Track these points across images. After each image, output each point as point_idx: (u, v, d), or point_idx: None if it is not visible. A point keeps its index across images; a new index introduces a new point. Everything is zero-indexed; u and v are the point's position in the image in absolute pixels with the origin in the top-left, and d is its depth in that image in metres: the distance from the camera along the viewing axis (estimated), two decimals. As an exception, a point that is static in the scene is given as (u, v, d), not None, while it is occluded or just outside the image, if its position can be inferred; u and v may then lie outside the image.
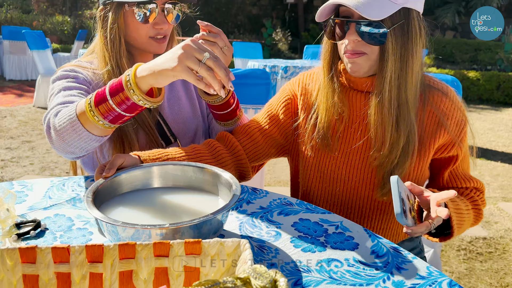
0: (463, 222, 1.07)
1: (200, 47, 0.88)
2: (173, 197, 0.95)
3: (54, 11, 13.40)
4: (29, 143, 4.69)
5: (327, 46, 1.18)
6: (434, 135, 1.14)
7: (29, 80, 8.92)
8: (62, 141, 1.00)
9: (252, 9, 15.79)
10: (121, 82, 0.92)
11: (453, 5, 12.80)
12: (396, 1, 1.02)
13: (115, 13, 1.23)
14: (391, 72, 1.06)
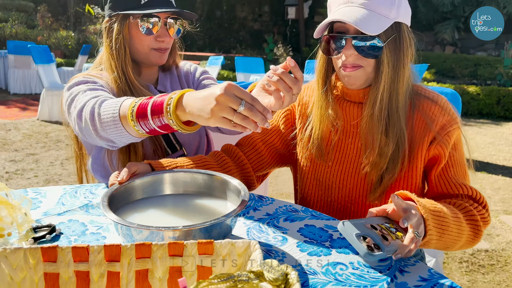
0: (446, 226, 0.99)
1: (237, 94, 0.85)
2: (184, 203, 0.98)
3: (59, 26, 13.59)
4: (33, 155, 4.73)
5: (322, 61, 1.24)
6: (422, 139, 1.16)
7: (33, 94, 9.00)
8: (104, 131, 1.03)
9: (254, 24, 15.99)
10: (162, 106, 0.93)
11: (453, 21, 12.96)
12: (389, 16, 1.08)
13: (120, 24, 1.30)
14: (384, 83, 1.11)
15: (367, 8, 1.08)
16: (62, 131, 5.87)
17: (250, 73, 6.04)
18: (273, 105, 0.97)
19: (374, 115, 1.14)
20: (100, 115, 1.03)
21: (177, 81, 1.53)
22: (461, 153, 1.20)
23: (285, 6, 14.45)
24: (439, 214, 0.98)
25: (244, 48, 15.17)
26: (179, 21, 1.36)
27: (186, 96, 0.91)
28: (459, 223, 1.04)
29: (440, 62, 11.51)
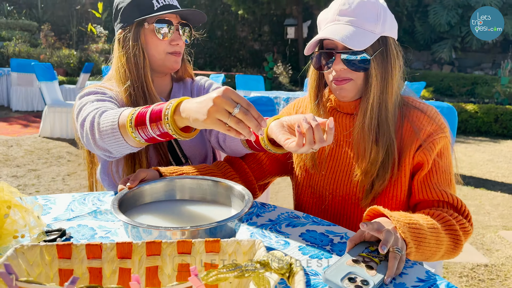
0: (422, 237, 0.99)
1: (233, 97, 0.88)
2: (189, 208, 1.02)
3: (61, 45, 13.78)
4: (35, 171, 4.76)
5: (313, 76, 1.30)
6: (410, 147, 1.20)
7: (35, 111, 9.08)
8: (102, 140, 1.07)
9: (254, 44, 16.21)
10: (160, 113, 0.97)
11: (450, 40, 13.16)
12: (375, 31, 1.15)
13: (136, 33, 1.35)
14: (373, 94, 1.17)
15: (353, 25, 1.14)
16: (64, 147, 5.92)
17: (251, 91, 6.12)
18: (289, 145, 0.98)
19: (365, 125, 1.18)
20: (100, 124, 1.07)
21: (189, 96, 1.55)
22: (447, 161, 1.21)
23: (285, 26, 14.68)
24: (414, 226, 0.99)
25: (244, 66, 15.35)
26: (188, 28, 1.42)
27: (184, 103, 0.95)
28: (436, 234, 1.04)
29: (438, 81, 11.64)
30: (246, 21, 16.01)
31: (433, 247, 1.03)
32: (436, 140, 1.18)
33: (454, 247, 1.11)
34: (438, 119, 1.22)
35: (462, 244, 1.12)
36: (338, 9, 1.17)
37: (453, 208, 1.16)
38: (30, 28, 15.49)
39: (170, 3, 1.37)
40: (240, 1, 13.37)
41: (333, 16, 1.18)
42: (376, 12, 1.16)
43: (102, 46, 13.77)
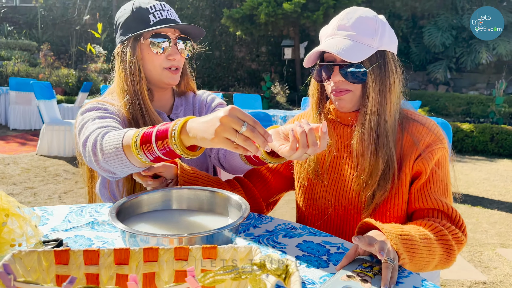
0: (415, 248, 1.01)
1: (240, 116, 0.89)
2: (187, 217, 1.03)
3: (60, 65, 13.88)
4: (31, 189, 4.74)
5: (314, 88, 1.34)
6: (409, 157, 1.22)
7: (33, 130, 9.09)
8: (106, 163, 1.07)
9: (251, 64, 16.39)
10: (167, 132, 0.97)
11: (444, 61, 13.35)
12: (372, 45, 1.19)
13: (132, 47, 1.35)
14: (371, 105, 1.20)
15: (351, 38, 1.19)
16: (61, 166, 5.90)
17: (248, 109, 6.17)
18: (283, 151, 1.00)
19: (363, 135, 1.21)
20: (103, 146, 1.07)
21: (191, 110, 1.55)
22: (444, 171, 1.23)
23: (282, 47, 14.87)
24: (406, 237, 1.00)
25: (242, 86, 15.48)
26: (188, 41, 1.41)
27: (190, 122, 0.96)
28: (429, 244, 1.05)
29: (434, 100, 11.75)
30: (244, 42, 16.22)
31: (426, 257, 1.04)
32: (434, 150, 1.21)
33: (448, 257, 1.12)
34: (437, 131, 1.25)
35: (455, 254, 1.13)
36: (337, 24, 1.22)
37: (447, 217, 1.18)
38: (30, 47, 15.63)
39: (168, 18, 1.37)
40: (238, 23, 13.57)
41: (332, 30, 1.23)
42: (374, 27, 1.20)
43: (101, 65, 13.88)
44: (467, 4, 13.28)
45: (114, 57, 1.41)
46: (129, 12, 1.37)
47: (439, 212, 1.18)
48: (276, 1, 12.56)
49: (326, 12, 12.57)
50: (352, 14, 1.22)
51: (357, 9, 1.24)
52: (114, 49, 1.42)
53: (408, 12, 14.06)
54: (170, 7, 1.42)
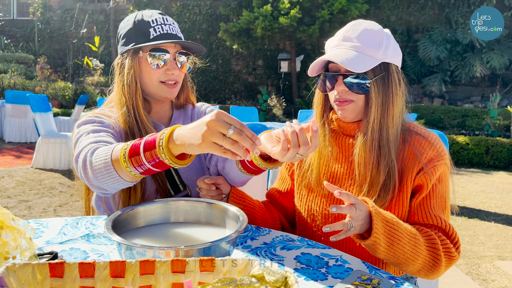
0: (397, 238, 1.05)
1: (226, 120, 0.90)
2: (183, 230, 1.02)
3: (57, 78, 13.89)
4: (26, 202, 4.70)
5: (319, 97, 1.37)
6: (412, 170, 1.23)
7: (28, 143, 9.05)
8: (96, 179, 1.06)
9: (248, 77, 16.46)
10: (154, 142, 0.97)
11: (439, 74, 13.45)
12: (376, 57, 1.21)
13: (131, 59, 1.35)
14: (374, 116, 1.21)
15: (356, 50, 1.21)
16: (56, 178, 5.87)
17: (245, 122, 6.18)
18: (274, 153, 1.01)
19: (365, 146, 1.22)
20: (92, 163, 1.06)
21: (189, 123, 1.54)
22: (444, 187, 1.24)
23: (278, 61, 14.97)
24: (392, 224, 1.05)
25: (239, 99, 15.53)
26: (189, 57, 1.40)
27: (177, 130, 0.97)
28: (415, 243, 1.09)
29: (429, 113, 11.82)
30: (240, 55, 16.31)
31: (407, 252, 1.07)
32: (437, 166, 1.22)
33: (433, 265, 1.13)
34: (439, 145, 1.26)
35: (442, 266, 1.13)
36: (343, 35, 1.25)
37: (444, 233, 1.19)
38: (26, 60, 15.65)
39: (168, 32, 1.36)
40: (235, 36, 13.66)
41: (337, 41, 1.26)
42: (378, 40, 1.22)
43: (97, 78, 13.90)
44: (461, 18, 13.44)
45: (114, 68, 1.41)
46: (131, 24, 1.38)
47: (437, 228, 1.20)
48: (272, 15, 12.68)
49: (322, 26, 12.69)
50: (357, 26, 1.25)
51: (362, 22, 1.27)
52: (112, 62, 1.43)
53: (403, 26, 14.22)
54: (173, 21, 1.41)
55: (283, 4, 12.42)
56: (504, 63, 12.57)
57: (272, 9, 12.64)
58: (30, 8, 17.49)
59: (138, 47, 1.34)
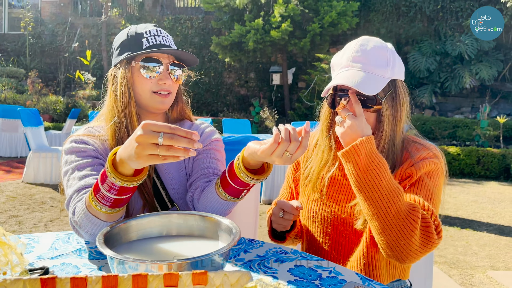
0: (376, 169, 1.14)
1: (154, 129, 0.89)
2: (176, 244, 1.01)
3: (48, 91, 13.84)
4: (16, 217, 4.64)
5: (326, 113, 1.40)
6: (403, 166, 1.27)
7: (19, 157, 8.96)
8: (87, 233, 1.10)
9: (240, 90, 16.52)
10: (105, 170, 1.00)
11: (429, 86, 13.61)
12: (385, 76, 1.25)
13: (124, 70, 1.34)
14: (386, 131, 1.26)
15: (365, 71, 1.24)
16: (47, 193, 5.81)
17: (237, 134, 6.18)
18: (264, 149, 1.02)
19: None
20: (77, 222, 1.11)
21: None
22: (434, 184, 1.25)
23: (270, 73, 15.06)
24: (379, 158, 1.15)
25: (231, 111, 15.56)
26: (183, 69, 1.39)
27: (118, 151, 0.98)
28: (392, 190, 1.13)
29: (420, 124, 11.91)
30: (232, 68, 16.39)
31: (382, 195, 1.11)
32: (427, 161, 1.25)
33: (407, 232, 1.11)
34: (435, 151, 1.30)
35: (416, 238, 1.11)
36: (352, 56, 1.27)
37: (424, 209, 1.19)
38: (17, 75, 15.58)
39: (161, 43, 1.36)
40: (226, 50, 13.74)
41: (347, 62, 1.28)
42: (386, 59, 1.26)
43: (89, 92, 13.87)
44: (449, 30, 13.67)
45: (107, 80, 1.39)
46: (125, 36, 1.38)
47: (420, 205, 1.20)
48: (264, 28, 12.79)
49: (313, 39, 12.82)
50: (365, 46, 1.28)
51: (369, 40, 1.30)
52: (104, 76, 1.42)
53: (393, 38, 14.40)
54: (167, 34, 1.41)
55: (274, 18, 12.54)
56: (493, 74, 12.76)
57: (263, 23, 12.76)
58: (21, 22, 17.47)
59: (131, 57, 1.34)
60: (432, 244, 1.13)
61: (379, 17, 14.31)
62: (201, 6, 16.17)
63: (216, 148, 1.47)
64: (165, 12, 17.98)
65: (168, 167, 1.41)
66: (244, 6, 13.50)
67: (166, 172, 1.40)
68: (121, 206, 1.06)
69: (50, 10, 18.82)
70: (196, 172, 1.40)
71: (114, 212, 1.05)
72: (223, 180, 1.20)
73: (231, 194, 1.20)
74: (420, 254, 1.13)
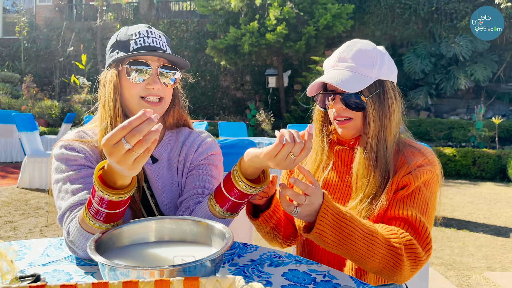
0: (348, 235, 1.06)
1: (113, 142, 0.87)
2: (169, 249, 1.00)
3: (43, 96, 13.79)
4: (11, 223, 4.61)
5: (318, 113, 1.43)
6: (399, 173, 1.26)
7: (14, 162, 8.93)
8: (84, 251, 1.07)
9: (236, 93, 16.53)
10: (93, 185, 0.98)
11: (425, 87, 13.67)
12: (370, 76, 1.27)
13: (112, 74, 1.26)
14: (372, 132, 1.26)
15: (350, 70, 1.27)
16: (42, 198, 5.78)
17: (234, 137, 6.18)
18: (267, 151, 1.01)
19: (365, 159, 1.27)
20: (73, 242, 1.08)
21: (177, 153, 1.39)
22: (430, 194, 1.24)
23: (266, 76, 15.08)
24: (344, 219, 1.07)
25: (227, 114, 15.56)
26: (175, 71, 1.29)
27: (107, 164, 0.96)
28: (371, 240, 1.08)
29: (416, 126, 11.96)
30: (228, 71, 16.41)
31: (361, 249, 1.07)
32: (424, 170, 1.24)
33: (394, 266, 1.10)
34: (431, 156, 1.29)
35: (405, 267, 1.11)
36: (338, 56, 1.32)
37: (414, 230, 1.17)
38: (12, 79, 15.53)
39: (151, 45, 1.26)
40: (222, 53, 13.75)
41: (333, 62, 1.33)
42: (372, 59, 1.28)
43: (85, 96, 13.83)
44: (444, 32, 13.74)
45: (99, 83, 1.33)
46: (115, 38, 1.31)
47: (407, 224, 1.18)
48: (259, 31, 12.81)
49: (308, 42, 12.85)
50: (352, 47, 1.31)
51: (357, 42, 1.33)
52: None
53: (388, 40, 14.46)
54: (160, 34, 1.32)
55: (270, 21, 12.57)
56: (488, 75, 12.83)
57: (258, 26, 12.78)
58: (16, 27, 17.43)
59: (118, 60, 1.26)
60: (422, 263, 1.14)
61: (374, 19, 14.37)
62: (196, 9, 16.19)
63: (214, 163, 1.39)
64: (160, 15, 17.99)
65: (160, 182, 1.34)
66: (239, 9, 13.52)
67: (158, 187, 1.33)
68: (115, 220, 1.03)
69: (45, 14, 18.81)
70: (188, 190, 1.32)
71: (107, 227, 1.03)
72: (218, 194, 1.15)
73: (227, 209, 1.14)
74: (412, 274, 1.16)
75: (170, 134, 1.41)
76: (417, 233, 1.16)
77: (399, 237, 1.13)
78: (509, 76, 13.66)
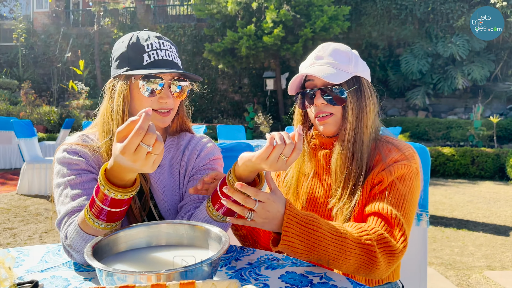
0: (317, 240, 1.05)
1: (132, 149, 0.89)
2: (166, 253, 1.01)
3: (42, 102, 13.80)
4: (11, 230, 4.61)
5: (298, 116, 1.45)
6: (375, 170, 1.27)
7: (13, 169, 8.92)
8: (81, 256, 1.07)
9: (234, 96, 16.56)
10: (98, 183, 0.99)
11: (422, 87, 13.70)
12: (348, 71, 1.32)
13: (122, 85, 1.25)
14: (350, 125, 1.30)
15: (330, 65, 1.32)
16: (41, 204, 5.77)
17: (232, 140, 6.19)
18: (260, 153, 1.02)
19: (342, 152, 1.29)
20: (71, 245, 1.08)
21: (178, 158, 1.40)
22: (407, 189, 1.24)
23: (264, 79, 15.11)
24: (310, 225, 1.05)
25: (226, 117, 15.58)
26: (186, 83, 1.30)
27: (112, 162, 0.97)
28: (341, 242, 1.07)
29: (414, 126, 11.98)
30: (226, 74, 16.44)
31: (334, 252, 1.06)
32: (398, 165, 1.26)
33: (370, 264, 1.10)
34: (408, 152, 1.29)
35: (380, 263, 1.11)
36: (315, 55, 1.37)
37: (389, 225, 1.17)
38: (10, 86, 15.54)
39: (164, 58, 1.26)
40: (220, 56, 13.79)
41: (311, 61, 1.37)
42: (348, 57, 1.34)
43: (83, 102, 13.84)
44: (441, 32, 13.79)
45: (105, 91, 1.32)
46: (124, 47, 1.28)
47: (380, 217, 1.18)
48: (256, 34, 12.85)
49: (305, 44, 12.89)
50: (327, 47, 1.37)
51: (331, 43, 1.39)
52: (97, 85, 1.38)
53: (385, 41, 14.51)
54: (170, 45, 1.31)
55: (266, 24, 12.60)
56: (485, 74, 12.87)
57: (255, 29, 12.82)
58: (13, 33, 17.46)
59: (130, 74, 1.25)
60: (398, 256, 1.13)
61: (370, 20, 14.41)
62: (193, 13, 16.23)
63: (215, 168, 1.40)
64: (157, 20, 18.03)
65: (162, 187, 1.34)
66: (236, 13, 13.56)
67: (160, 192, 1.34)
68: (116, 220, 1.04)
69: (42, 20, 18.83)
70: (189, 195, 1.32)
71: (108, 228, 1.04)
72: (214, 198, 1.16)
73: (224, 212, 1.16)
74: (389, 269, 1.14)
75: (172, 139, 1.42)
76: (390, 225, 1.17)
77: (370, 234, 1.12)
78: (507, 75, 13.71)
